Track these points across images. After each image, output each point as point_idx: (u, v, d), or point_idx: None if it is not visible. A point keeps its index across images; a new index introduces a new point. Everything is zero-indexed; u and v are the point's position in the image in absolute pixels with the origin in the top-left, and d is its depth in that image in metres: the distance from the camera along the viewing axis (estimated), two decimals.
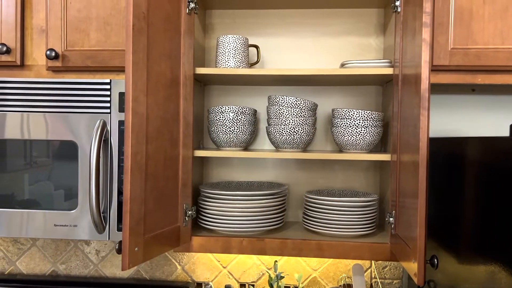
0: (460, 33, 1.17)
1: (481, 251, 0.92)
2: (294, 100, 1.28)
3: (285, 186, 1.37)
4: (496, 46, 1.16)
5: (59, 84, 1.22)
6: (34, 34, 1.33)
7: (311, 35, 1.48)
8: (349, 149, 1.30)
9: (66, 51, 1.29)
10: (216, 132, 1.31)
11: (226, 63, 1.31)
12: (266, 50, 1.49)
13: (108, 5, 1.29)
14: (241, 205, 1.24)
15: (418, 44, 0.94)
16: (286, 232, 1.33)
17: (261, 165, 1.51)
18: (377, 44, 1.45)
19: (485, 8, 1.17)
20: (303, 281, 1.54)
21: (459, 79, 1.19)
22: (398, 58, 1.15)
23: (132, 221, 0.99)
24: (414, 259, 0.93)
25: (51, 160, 1.22)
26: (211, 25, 1.51)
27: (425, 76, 0.90)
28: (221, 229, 1.26)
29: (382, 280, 1.52)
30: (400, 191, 1.11)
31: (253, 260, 1.56)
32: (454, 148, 1.08)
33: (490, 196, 0.89)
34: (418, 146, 0.91)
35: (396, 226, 1.15)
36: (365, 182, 1.47)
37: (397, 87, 1.15)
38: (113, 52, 1.29)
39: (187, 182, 1.22)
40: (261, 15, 1.49)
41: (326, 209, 1.25)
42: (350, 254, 1.21)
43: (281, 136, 1.29)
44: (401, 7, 1.14)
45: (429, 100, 0.90)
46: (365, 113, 1.25)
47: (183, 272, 1.59)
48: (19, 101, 1.23)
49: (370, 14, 1.45)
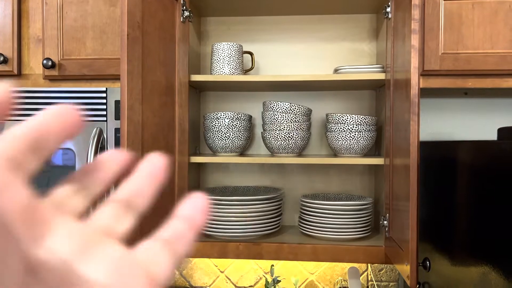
0: (450, 38, 1.19)
1: (473, 253, 0.94)
2: (288, 105, 1.29)
3: (281, 191, 1.38)
4: (485, 51, 1.18)
5: (56, 93, 1.24)
6: (31, 44, 1.34)
7: (305, 41, 1.50)
8: (343, 154, 1.31)
9: (63, 60, 1.31)
10: (212, 138, 1.33)
11: (221, 70, 1.32)
12: (261, 56, 1.51)
13: (104, 14, 1.31)
14: (237, 210, 1.26)
15: (407, 50, 0.96)
16: (283, 236, 1.34)
17: (257, 170, 1.53)
18: (370, 49, 1.47)
19: (474, 13, 1.18)
20: (300, 285, 1.55)
21: (450, 83, 1.21)
22: (389, 63, 1.17)
23: None
24: (407, 262, 0.94)
25: (50, 168, 1.24)
26: (206, 32, 1.53)
27: (414, 82, 0.91)
28: (217, 234, 1.27)
29: (378, 283, 1.53)
30: (393, 194, 1.13)
31: (250, 264, 1.57)
32: (446, 152, 1.10)
33: (480, 199, 0.90)
34: (409, 150, 0.93)
35: (390, 229, 1.16)
36: (360, 185, 1.49)
37: (389, 92, 1.16)
38: (109, 60, 1.30)
39: (183, 188, 1.23)
40: (255, 21, 1.51)
41: (321, 213, 1.27)
42: (345, 258, 1.23)
43: (276, 141, 1.30)
44: (391, 13, 1.16)
45: (419, 105, 0.92)
46: (358, 117, 1.27)
47: (181, 277, 1.60)
48: (17, 110, 1.25)
49: (363, 20, 1.47)
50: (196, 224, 0.23)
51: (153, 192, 0.24)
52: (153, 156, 0.25)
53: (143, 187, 0.24)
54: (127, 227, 0.22)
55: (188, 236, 0.23)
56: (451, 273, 1.06)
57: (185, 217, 0.23)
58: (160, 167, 0.24)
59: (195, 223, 0.23)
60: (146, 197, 0.24)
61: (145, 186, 0.24)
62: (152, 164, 0.24)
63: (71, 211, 0.22)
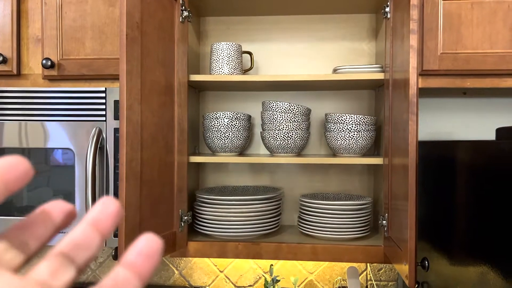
0: (449, 38, 1.19)
1: (472, 252, 0.94)
2: (287, 105, 1.30)
3: (280, 190, 1.38)
4: (484, 51, 1.18)
5: (55, 93, 1.24)
6: (30, 44, 1.35)
7: (305, 41, 1.50)
8: (342, 153, 1.32)
9: (62, 60, 1.31)
10: (211, 137, 1.33)
11: (220, 70, 1.33)
12: (260, 56, 1.51)
13: (102, 14, 1.31)
14: (236, 209, 1.26)
15: (406, 50, 0.96)
16: (282, 236, 1.35)
17: (256, 170, 1.53)
18: (369, 49, 1.47)
19: (473, 13, 1.18)
20: (299, 284, 1.55)
21: (448, 83, 1.21)
22: (388, 63, 1.17)
23: (128, 228, 1.00)
24: (405, 261, 0.94)
25: (49, 167, 1.24)
26: (206, 32, 1.53)
27: (413, 81, 0.91)
28: (217, 234, 1.27)
29: (377, 282, 1.53)
30: (392, 194, 1.13)
31: (249, 264, 1.57)
32: (445, 152, 1.10)
33: (479, 199, 0.90)
34: (408, 149, 0.93)
35: (389, 228, 1.16)
36: (360, 185, 1.49)
37: (387, 91, 1.17)
38: (108, 60, 1.30)
39: (182, 188, 1.23)
40: (255, 21, 1.51)
41: (320, 212, 1.27)
42: (344, 257, 1.23)
43: (275, 141, 1.30)
44: (390, 13, 1.16)
45: (418, 105, 0.92)
46: (357, 117, 1.27)
47: (180, 277, 1.60)
48: (16, 110, 1.25)
49: (363, 20, 1.47)
50: (142, 271, 0.22)
51: (99, 242, 0.23)
52: (106, 200, 0.23)
53: (87, 238, 0.22)
54: (65, 281, 0.21)
55: (132, 285, 0.21)
56: (449, 272, 1.06)
57: (129, 263, 0.22)
58: (110, 213, 0.23)
59: (141, 270, 0.22)
60: (89, 249, 0.22)
61: (89, 237, 0.23)
62: (102, 210, 0.23)
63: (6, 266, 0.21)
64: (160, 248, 0.22)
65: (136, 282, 0.21)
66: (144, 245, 0.22)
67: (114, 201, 0.23)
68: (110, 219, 0.23)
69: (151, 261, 0.22)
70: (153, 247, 0.22)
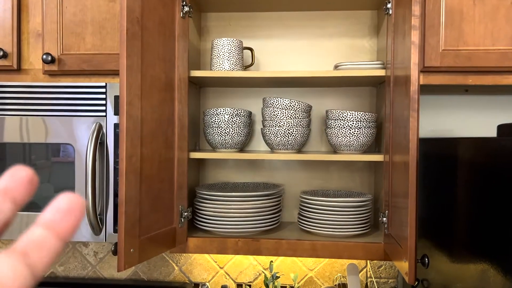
0: (451, 34, 1.18)
1: (472, 250, 0.94)
2: (288, 101, 1.29)
3: (280, 187, 1.38)
4: (486, 47, 1.18)
5: (56, 88, 1.24)
6: (31, 38, 1.34)
7: (306, 37, 1.49)
8: (343, 150, 1.31)
9: (62, 55, 1.31)
10: (212, 134, 1.33)
11: (221, 66, 1.32)
12: (261, 52, 1.51)
13: (103, 9, 1.30)
14: (236, 206, 1.26)
15: (408, 46, 0.95)
16: (282, 232, 1.34)
17: (256, 166, 1.53)
18: (370, 46, 1.47)
19: (475, 10, 1.18)
20: (299, 281, 1.55)
21: (450, 80, 1.21)
22: (389, 59, 1.16)
23: (128, 223, 1.00)
24: (405, 259, 0.94)
25: (49, 163, 1.24)
26: (207, 28, 1.53)
27: (414, 78, 0.91)
28: (216, 230, 1.27)
29: (377, 279, 1.53)
30: (392, 191, 1.13)
31: (249, 260, 1.57)
32: (446, 149, 1.09)
33: (480, 196, 0.90)
34: (408, 147, 0.92)
35: (389, 225, 1.16)
36: (360, 182, 1.49)
37: (389, 88, 1.16)
38: (108, 55, 1.30)
39: (182, 184, 1.23)
40: (256, 17, 1.50)
41: (321, 209, 1.27)
42: (343, 254, 1.23)
43: (276, 137, 1.30)
44: (392, 10, 1.16)
45: (419, 101, 0.92)
46: (358, 114, 1.27)
47: (180, 273, 1.60)
48: (17, 105, 1.25)
49: (364, 16, 1.47)
50: (61, 230, 0.20)
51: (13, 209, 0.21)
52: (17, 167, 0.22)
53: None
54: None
55: (50, 244, 0.20)
56: (449, 269, 1.06)
57: (46, 221, 0.20)
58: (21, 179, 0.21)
59: (60, 229, 0.20)
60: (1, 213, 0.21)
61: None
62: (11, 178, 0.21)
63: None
64: (81, 206, 0.21)
65: (54, 241, 0.20)
66: (64, 202, 0.21)
67: (26, 168, 0.22)
68: (22, 186, 0.21)
69: (71, 219, 0.20)
70: (73, 204, 0.21)
